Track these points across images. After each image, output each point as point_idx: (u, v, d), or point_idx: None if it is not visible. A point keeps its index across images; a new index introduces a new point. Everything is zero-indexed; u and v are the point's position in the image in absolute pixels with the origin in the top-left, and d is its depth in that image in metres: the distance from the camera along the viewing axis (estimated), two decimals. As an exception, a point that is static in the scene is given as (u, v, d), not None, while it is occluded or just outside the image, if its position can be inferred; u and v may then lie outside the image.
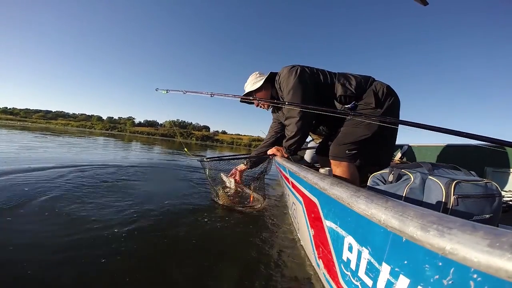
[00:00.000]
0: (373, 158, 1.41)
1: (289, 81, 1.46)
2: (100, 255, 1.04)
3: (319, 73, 1.50)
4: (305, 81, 1.45)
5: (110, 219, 1.43)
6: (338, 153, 1.33)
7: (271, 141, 1.98)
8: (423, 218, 0.35)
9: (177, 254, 1.15)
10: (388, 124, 1.21)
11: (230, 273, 1.02)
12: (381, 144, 1.40)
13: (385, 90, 1.37)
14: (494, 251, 0.26)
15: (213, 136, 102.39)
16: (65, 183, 2.07)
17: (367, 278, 0.52)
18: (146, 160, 4.86)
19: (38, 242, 1.07)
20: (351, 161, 1.31)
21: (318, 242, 0.87)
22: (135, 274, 0.94)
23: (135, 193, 2.06)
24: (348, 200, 0.52)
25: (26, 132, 9.92)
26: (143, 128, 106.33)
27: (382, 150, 1.45)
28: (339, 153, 1.32)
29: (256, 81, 1.73)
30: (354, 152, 1.30)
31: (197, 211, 1.82)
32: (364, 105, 1.36)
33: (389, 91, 1.38)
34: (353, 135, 1.32)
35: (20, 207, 1.43)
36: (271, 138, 2.00)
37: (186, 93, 1.96)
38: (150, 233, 1.32)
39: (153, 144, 13.77)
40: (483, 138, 0.89)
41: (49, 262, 0.94)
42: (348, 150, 1.30)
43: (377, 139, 1.32)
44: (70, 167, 2.82)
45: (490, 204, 0.76)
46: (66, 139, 8.20)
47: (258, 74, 1.79)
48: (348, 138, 1.33)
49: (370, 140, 1.30)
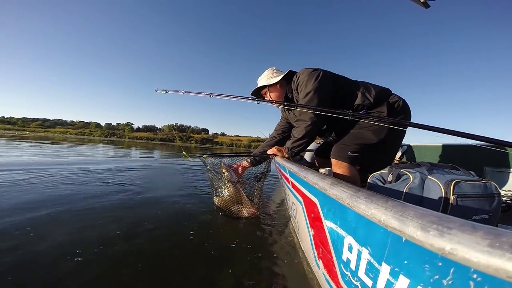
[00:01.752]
0: (370, 166, 1.36)
1: (308, 84, 1.40)
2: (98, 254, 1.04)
3: (339, 79, 1.47)
4: (325, 88, 1.39)
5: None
6: (340, 153, 1.31)
7: (276, 140, 1.94)
8: (423, 218, 0.34)
9: (175, 254, 1.15)
10: (389, 125, 1.21)
11: (229, 273, 1.02)
12: (382, 155, 1.39)
13: (401, 104, 1.36)
14: (494, 251, 0.26)
15: (212, 138, 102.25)
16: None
17: (367, 278, 0.52)
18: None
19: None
20: (352, 163, 1.29)
21: (318, 242, 0.87)
22: (135, 278, 0.94)
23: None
24: (348, 200, 0.52)
25: (38, 141, 9.87)
26: (142, 133, 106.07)
27: (382, 161, 1.41)
28: (341, 153, 1.30)
29: (273, 77, 1.69)
30: (356, 156, 1.28)
31: (195, 212, 1.82)
32: (376, 113, 1.34)
33: (404, 105, 1.38)
34: (359, 138, 1.31)
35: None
36: (277, 137, 1.95)
37: (185, 93, 1.96)
38: (147, 235, 1.31)
39: (153, 148, 13.75)
40: (482, 138, 0.89)
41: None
42: (351, 151, 1.28)
43: (380, 147, 1.30)
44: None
45: (489, 203, 0.76)
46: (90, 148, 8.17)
47: (275, 70, 1.76)
48: (354, 140, 1.32)
49: (374, 148, 1.29)
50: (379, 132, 1.27)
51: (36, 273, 0.89)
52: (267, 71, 1.76)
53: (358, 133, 1.32)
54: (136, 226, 1.42)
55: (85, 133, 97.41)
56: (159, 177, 3.34)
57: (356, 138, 1.31)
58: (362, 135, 1.30)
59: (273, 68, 1.77)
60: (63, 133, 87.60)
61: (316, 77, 1.39)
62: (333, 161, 1.34)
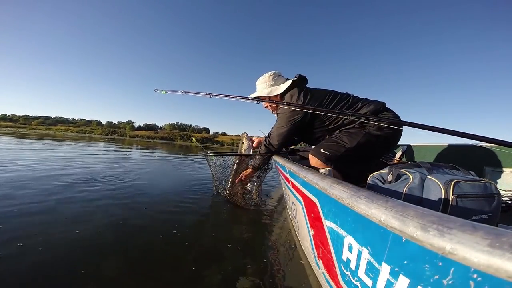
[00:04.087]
0: (344, 168, 1.36)
1: (282, 122, 1.52)
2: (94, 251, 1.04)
3: (329, 100, 1.43)
4: (292, 132, 1.54)
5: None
6: (315, 149, 1.39)
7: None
8: (423, 218, 0.35)
9: (173, 255, 1.14)
10: (386, 124, 1.21)
11: (229, 273, 1.02)
12: (359, 160, 1.37)
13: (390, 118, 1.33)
14: (494, 251, 0.26)
15: (213, 138, 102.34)
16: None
17: (367, 278, 0.52)
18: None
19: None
20: (325, 161, 1.32)
21: (318, 242, 0.87)
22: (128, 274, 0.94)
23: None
24: (348, 200, 0.52)
25: (40, 139, 9.89)
26: (143, 132, 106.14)
27: (360, 166, 1.41)
28: (316, 149, 1.38)
29: (274, 85, 1.65)
30: (328, 154, 1.31)
31: (196, 210, 1.83)
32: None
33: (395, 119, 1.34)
34: (335, 141, 1.34)
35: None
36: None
37: (185, 93, 1.95)
38: (147, 231, 1.31)
39: (154, 147, 13.83)
40: (482, 138, 0.89)
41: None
42: (323, 149, 1.33)
43: (356, 153, 1.30)
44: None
45: (489, 203, 0.76)
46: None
47: (277, 75, 1.68)
48: (330, 141, 1.37)
49: (348, 151, 1.29)
50: (354, 138, 1.30)
51: (22, 269, 0.89)
52: (269, 76, 1.67)
53: (337, 137, 1.37)
54: (125, 220, 1.44)
55: (86, 131, 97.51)
56: (154, 173, 3.35)
57: (332, 141, 1.36)
58: (340, 138, 1.34)
59: (274, 73, 1.68)
60: (64, 131, 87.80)
61: (290, 121, 1.50)
62: (309, 157, 1.41)
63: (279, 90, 1.62)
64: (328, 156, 1.31)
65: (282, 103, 1.55)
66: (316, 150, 1.37)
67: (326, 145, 1.35)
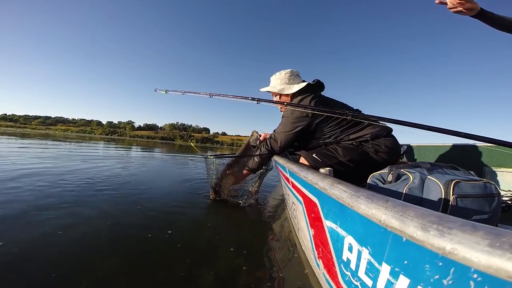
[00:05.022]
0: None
1: (287, 123, 1.49)
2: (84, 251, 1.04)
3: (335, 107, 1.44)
4: (295, 136, 1.51)
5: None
6: (308, 152, 1.39)
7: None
8: (423, 218, 0.35)
9: (168, 255, 1.14)
10: (387, 122, 1.21)
11: (228, 274, 1.02)
12: (351, 173, 1.32)
13: (388, 144, 1.31)
14: (495, 251, 0.26)
15: (213, 138, 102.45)
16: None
17: (367, 278, 0.52)
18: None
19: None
20: (313, 165, 1.30)
21: (318, 242, 0.87)
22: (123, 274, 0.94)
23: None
24: (348, 200, 0.52)
25: (42, 140, 9.89)
26: (143, 131, 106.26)
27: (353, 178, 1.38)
28: (308, 153, 1.38)
29: (289, 83, 1.61)
30: (318, 160, 1.30)
31: (194, 210, 1.82)
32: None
33: (393, 146, 1.33)
34: (328, 150, 1.34)
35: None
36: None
37: (185, 93, 1.96)
38: (142, 231, 1.31)
39: (154, 146, 13.85)
40: (482, 138, 0.89)
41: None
42: (315, 154, 1.32)
43: (348, 167, 1.28)
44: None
45: (489, 204, 0.76)
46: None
47: (295, 74, 1.64)
48: (325, 149, 1.35)
49: (339, 164, 1.27)
50: (346, 153, 1.29)
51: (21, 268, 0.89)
52: (285, 73, 1.63)
53: (333, 148, 1.35)
54: (121, 220, 1.44)
55: (86, 131, 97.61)
56: (150, 172, 3.35)
57: (327, 149, 1.35)
58: (335, 150, 1.33)
59: (290, 72, 1.64)
60: (64, 131, 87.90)
61: (293, 127, 1.47)
62: (301, 157, 1.42)
63: (292, 89, 1.59)
64: (318, 163, 1.29)
65: (282, 103, 1.55)
66: (308, 154, 1.36)
67: (319, 152, 1.34)
